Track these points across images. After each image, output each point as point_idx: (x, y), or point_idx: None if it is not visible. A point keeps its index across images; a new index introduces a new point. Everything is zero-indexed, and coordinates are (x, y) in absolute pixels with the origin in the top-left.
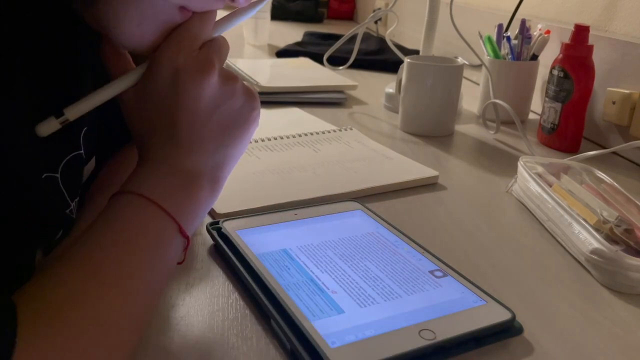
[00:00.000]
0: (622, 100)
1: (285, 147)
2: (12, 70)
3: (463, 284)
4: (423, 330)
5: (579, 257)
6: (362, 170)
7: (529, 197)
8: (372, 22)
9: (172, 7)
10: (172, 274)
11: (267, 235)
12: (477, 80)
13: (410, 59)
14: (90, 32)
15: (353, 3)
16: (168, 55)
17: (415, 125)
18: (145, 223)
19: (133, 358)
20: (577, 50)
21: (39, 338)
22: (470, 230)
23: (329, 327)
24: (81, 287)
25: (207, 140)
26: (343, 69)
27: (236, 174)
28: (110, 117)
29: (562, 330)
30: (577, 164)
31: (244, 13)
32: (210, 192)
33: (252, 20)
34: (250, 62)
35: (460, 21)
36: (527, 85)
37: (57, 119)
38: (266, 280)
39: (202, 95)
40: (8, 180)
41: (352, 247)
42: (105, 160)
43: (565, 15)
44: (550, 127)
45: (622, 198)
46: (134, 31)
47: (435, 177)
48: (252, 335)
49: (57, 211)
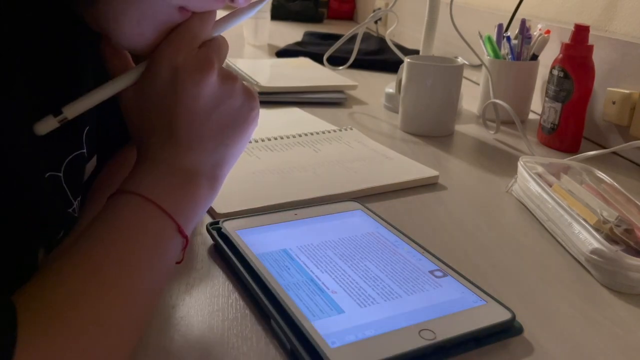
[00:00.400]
0: (622, 100)
1: (285, 147)
2: (12, 70)
3: (463, 284)
4: (423, 330)
5: (579, 257)
6: (362, 170)
7: (529, 197)
8: (372, 22)
9: (171, 8)
10: (172, 273)
11: (267, 235)
12: (477, 80)
13: (410, 59)
14: (90, 32)
15: (353, 3)
16: (167, 55)
17: (415, 125)
18: (144, 223)
19: (133, 358)
20: (577, 50)
21: (39, 338)
22: (470, 230)
23: (329, 327)
24: (81, 287)
25: (206, 140)
26: (343, 69)
27: (236, 173)
28: (110, 116)
29: (562, 330)
30: (577, 164)
31: (243, 13)
32: (209, 191)
33: (252, 20)
34: (250, 62)
35: (460, 21)
36: (527, 85)
37: (55, 117)
38: (266, 280)
39: (201, 95)
40: (8, 180)
41: (352, 247)
42: (106, 159)
43: (565, 15)
44: (550, 127)
45: (622, 198)
46: (133, 31)
47: (435, 177)
48: (252, 335)
49: (59, 210)
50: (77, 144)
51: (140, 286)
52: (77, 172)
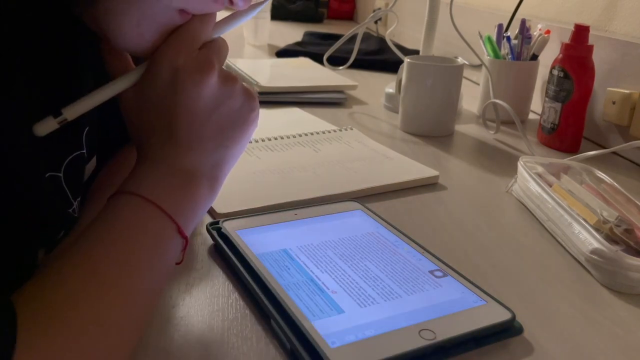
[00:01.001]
0: (622, 100)
1: (285, 147)
2: (12, 70)
3: (463, 284)
4: (423, 330)
5: (579, 257)
6: (362, 170)
7: (529, 197)
8: (372, 22)
9: (171, 10)
10: (172, 274)
11: (267, 235)
12: (477, 80)
13: (410, 59)
14: (90, 32)
15: (353, 3)
16: (168, 56)
17: (415, 125)
18: (144, 223)
19: (133, 358)
20: (577, 50)
21: (39, 338)
22: (470, 230)
23: (329, 327)
24: (81, 287)
25: (205, 140)
26: (343, 69)
27: (236, 174)
28: (110, 117)
29: (562, 330)
30: (577, 164)
31: (243, 15)
32: (209, 192)
33: (252, 20)
34: (250, 62)
35: (460, 21)
36: (527, 85)
37: (55, 118)
38: (266, 280)
39: (202, 95)
40: (9, 180)
41: (352, 247)
42: (106, 159)
43: (565, 15)
44: (550, 127)
45: (622, 198)
46: (133, 33)
47: (435, 177)
48: (252, 335)
49: (59, 210)
50: (77, 145)
51: (140, 286)
52: (77, 172)
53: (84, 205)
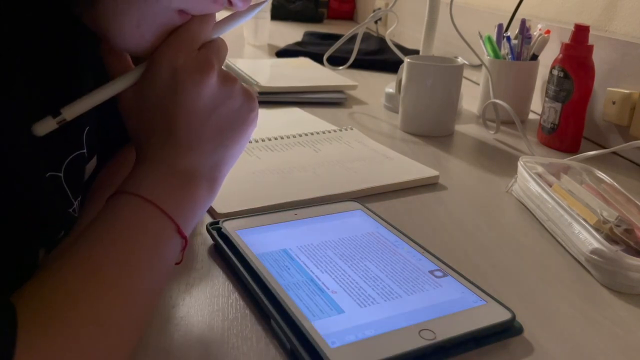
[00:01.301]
0: (622, 100)
1: (285, 147)
2: (12, 70)
3: (463, 284)
4: (423, 330)
5: (579, 257)
6: (362, 170)
7: (529, 197)
8: (372, 22)
9: (171, 10)
10: (171, 274)
11: (267, 235)
12: (477, 80)
13: (410, 59)
14: (90, 33)
15: (353, 3)
16: (167, 56)
17: (415, 125)
18: (143, 223)
19: (133, 358)
20: (577, 50)
21: (39, 338)
22: (470, 230)
23: (329, 327)
24: (81, 287)
25: (205, 141)
26: (343, 69)
27: (236, 174)
28: (110, 117)
29: (562, 330)
30: (577, 164)
31: (243, 15)
32: (208, 192)
33: (252, 20)
34: (250, 62)
35: (460, 21)
36: (527, 85)
37: (54, 118)
38: (266, 280)
39: (201, 96)
40: (9, 180)
41: (352, 247)
42: (106, 159)
43: (565, 15)
44: (550, 127)
45: (622, 198)
46: (133, 33)
47: (435, 177)
48: (252, 335)
49: (59, 210)
50: (77, 144)
51: (140, 286)
52: (78, 172)
53: (84, 205)
